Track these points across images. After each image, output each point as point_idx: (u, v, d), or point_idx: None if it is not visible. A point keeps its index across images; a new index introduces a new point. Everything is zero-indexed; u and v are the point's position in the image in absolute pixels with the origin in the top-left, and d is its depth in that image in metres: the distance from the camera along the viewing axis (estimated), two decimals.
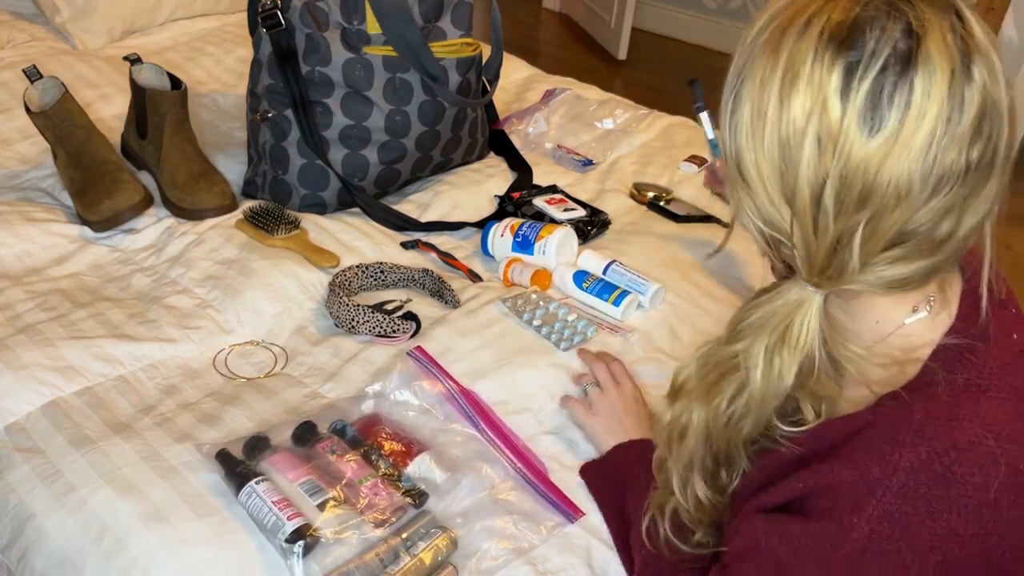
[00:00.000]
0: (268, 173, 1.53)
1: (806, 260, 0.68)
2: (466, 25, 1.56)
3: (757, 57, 0.66)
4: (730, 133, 0.68)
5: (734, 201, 0.71)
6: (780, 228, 0.68)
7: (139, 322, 1.24)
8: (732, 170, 0.69)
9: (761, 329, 0.71)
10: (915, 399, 0.66)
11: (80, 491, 0.97)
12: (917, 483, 0.63)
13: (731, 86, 0.69)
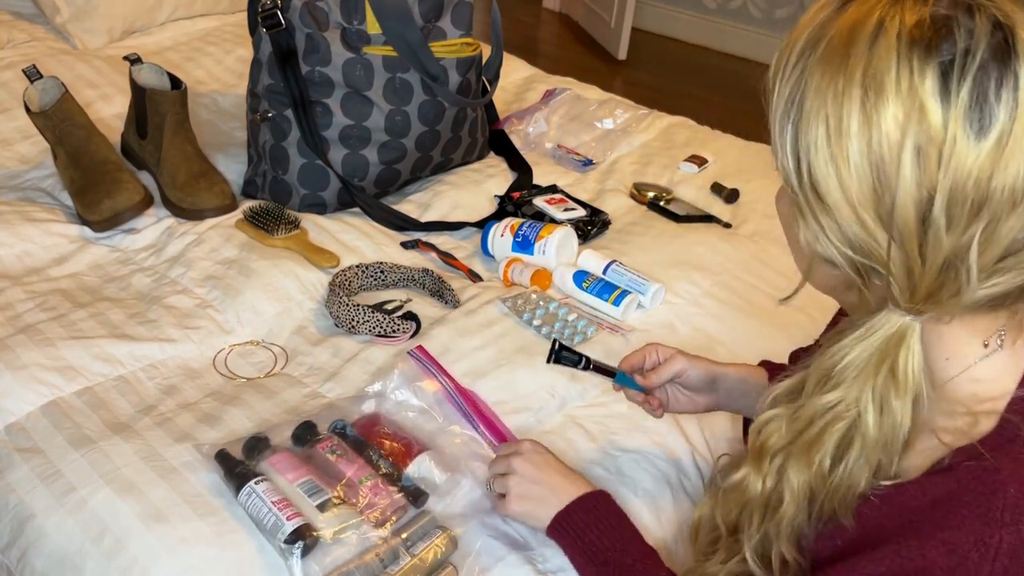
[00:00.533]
0: (268, 173, 1.53)
1: (907, 285, 0.63)
2: (466, 25, 1.56)
3: (818, 74, 0.61)
4: (797, 158, 0.63)
5: (807, 231, 0.65)
6: (873, 253, 0.62)
7: (139, 322, 1.23)
8: (805, 198, 0.64)
9: (863, 372, 0.66)
10: (1001, 463, 0.62)
11: (80, 491, 0.97)
12: (1020, 568, 0.59)
13: (785, 110, 0.64)
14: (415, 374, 1.15)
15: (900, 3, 0.59)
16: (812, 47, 0.63)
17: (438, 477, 1.01)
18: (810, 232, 0.65)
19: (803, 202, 0.64)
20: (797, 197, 0.65)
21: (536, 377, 1.19)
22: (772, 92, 0.66)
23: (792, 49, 0.64)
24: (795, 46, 0.64)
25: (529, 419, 1.14)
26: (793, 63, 0.64)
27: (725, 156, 1.84)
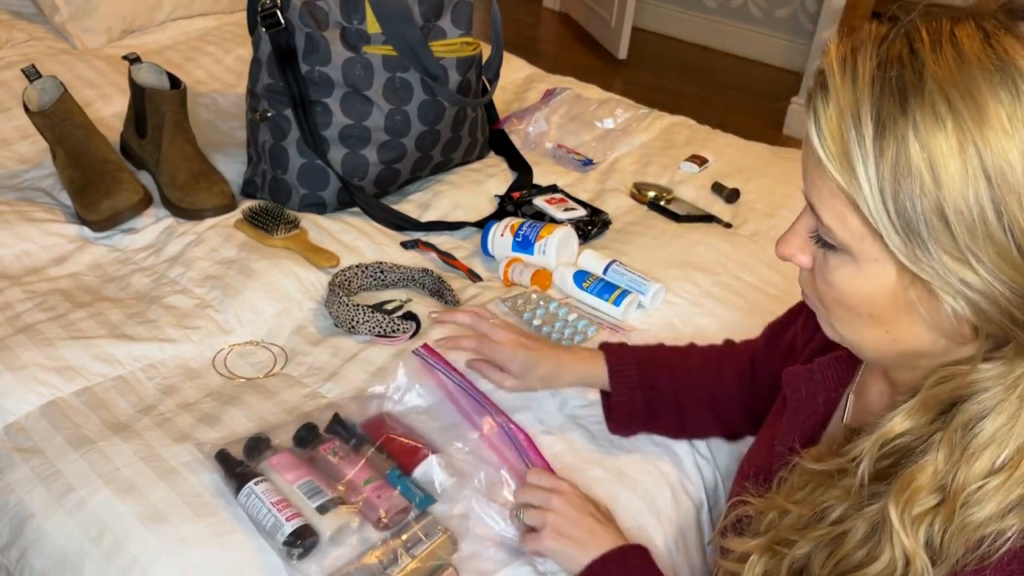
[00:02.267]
0: (268, 173, 1.52)
1: None
2: (466, 24, 1.56)
3: (918, 84, 0.53)
4: (900, 187, 0.55)
5: (931, 270, 0.56)
6: (1018, 284, 0.55)
7: (138, 322, 1.23)
8: (919, 233, 0.55)
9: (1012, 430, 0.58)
10: None
11: (79, 491, 0.97)
12: None
13: (872, 133, 0.55)
14: (419, 373, 1.14)
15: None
16: (890, 61, 0.55)
17: (445, 482, 1.01)
18: (932, 272, 0.56)
19: (914, 237, 0.56)
20: (916, 253, 0.56)
21: None
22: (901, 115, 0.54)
23: (860, 65, 0.56)
24: (860, 64, 0.56)
25: (530, 418, 1.13)
26: (866, 77, 0.56)
27: (725, 156, 1.84)
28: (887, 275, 0.59)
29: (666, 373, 1.08)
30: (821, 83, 0.59)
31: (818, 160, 0.58)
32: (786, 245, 0.67)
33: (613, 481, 1.06)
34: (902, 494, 0.61)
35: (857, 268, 0.61)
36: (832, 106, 0.57)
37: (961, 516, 0.58)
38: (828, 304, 0.66)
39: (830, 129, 0.57)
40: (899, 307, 0.61)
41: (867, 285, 0.61)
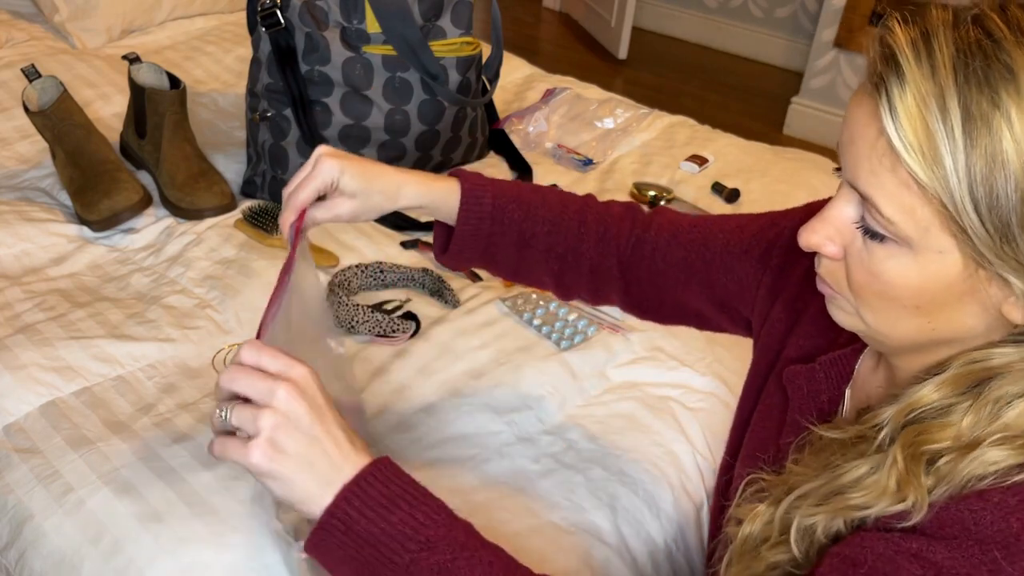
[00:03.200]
0: (267, 172, 1.52)
1: None
2: (466, 24, 1.56)
3: (1007, 75, 0.52)
4: (995, 180, 0.53)
5: (1015, 262, 0.56)
6: None
7: (138, 322, 1.23)
8: (1010, 225, 0.54)
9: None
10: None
11: (78, 491, 0.97)
12: None
13: (960, 124, 0.53)
14: None
15: None
16: (967, 31, 0.54)
17: None
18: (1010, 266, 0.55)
19: (1011, 250, 0.55)
20: (1004, 245, 0.55)
21: (536, 376, 1.19)
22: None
23: (938, 38, 0.54)
24: (937, 38, 0.54)
25: (529, 418, 1.13)
26: (948, 55, 0.54)
27: (726, 156, 1.84)
28: (951, 266, 0.58)
29: (520, 213, 0.94)
30: (894, 67, 0.55)
31: (888, 149, 0.56)
32: (813, 234, 0.64)
33: (613, 481, 1.06)
34: (913, 435, 0.61)
35: (914, 259, 0.59)
36: (910, 94, 0.54)
37: (970, 458, 0.58)
38: (865, 296, 0.64)
39: (909, 118, 0.54)
40: (953, 297, 0.59)
41: (923, 276, 0.59)
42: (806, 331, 0.83)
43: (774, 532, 0.69)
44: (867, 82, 0.58)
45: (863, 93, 0.58)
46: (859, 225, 0.62)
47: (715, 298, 0.92)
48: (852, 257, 0.63)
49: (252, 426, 0.65)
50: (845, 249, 0.64)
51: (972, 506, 0.58)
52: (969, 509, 0.58)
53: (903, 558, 0.58)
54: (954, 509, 0.58)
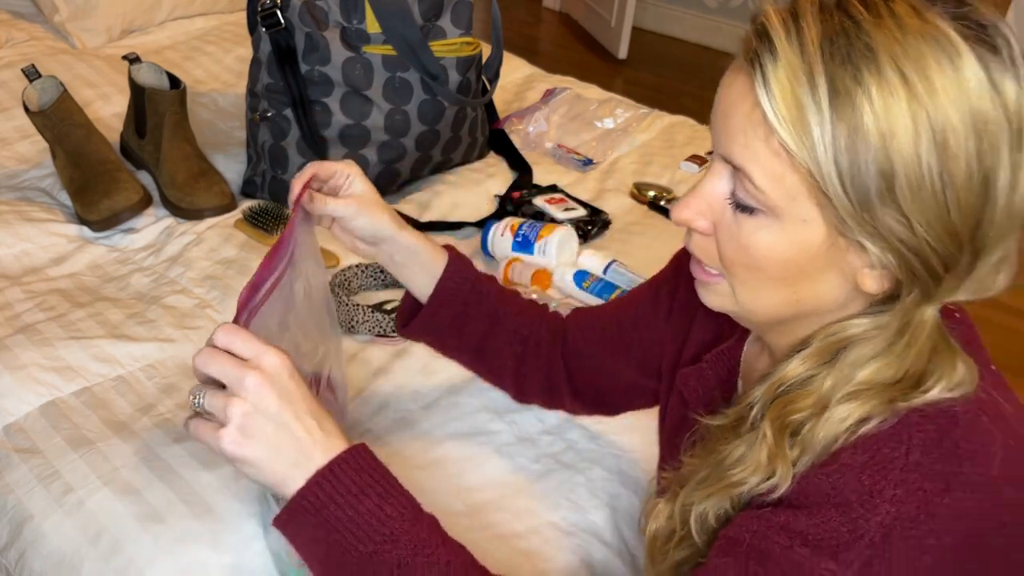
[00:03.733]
0: (267, 172, 1.52)
1: (962, 279, 0.61)
2: (466, 24, 1.56)
3: (868, 54, 0.56)
4: (856, 150, 0.57)
5: (872, 229, 0.58)
6: (949, 257, 0.59)
7: (138, 322, 1.23)
8: (868, 194, 0.57)
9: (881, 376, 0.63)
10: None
11: (78, 492, 0.97)
12: (934, 461, 0.59)
13: (827, 98, 0.56)
14: None
15: None
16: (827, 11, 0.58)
17: None
18: (883, 239, 0.59)
19: (869, 218, 0.58)
20: (863, 213, 0.58)
21: None
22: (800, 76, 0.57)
23: (803, 25, 0.58)
24: (804, 20, 0.58)
25: (529, 418, 1.13)
26: (816, 36, 0.57)
27: None
28: (814, 234, 0.61)
29: (496, 289, 0.98)
30: (767, 44, 0.58)
31: (762, 121, 0.59)
32: (686, 209, 0.66)
33: (613, 481, 1.06)
34: (780, 408, 0.65)
35: (781, 228, 0.62)
36: (782, 68, 0.57)
37: (823, 420, 0.62)
38: (735, 269, 0.66)
39: (782, 91, 0.57)
40: (815, 266, 0.63)
41: (789, 246, 0.62)
42: (696, 335, 0.86)
43: (676, 527, 0.72)
44: (742, 59, 0.61)
45: (737, 69, 0.61)
46: (730, 200, 0.64)
47: (643, 363, 0.94)
48: (722, 231, 0.65)
49: (222, 414, 0.66)
50: (715, 224, 0.66)
51: (827, 471, 0.61)
52: (825, 474, 0.61)
53: (773, 532, 0.61)
54: (813, 477, 0.61)
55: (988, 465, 0.59)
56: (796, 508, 0.61)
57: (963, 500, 0.58)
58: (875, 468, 0.59)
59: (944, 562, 0.58)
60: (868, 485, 0.58)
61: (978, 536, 0.59)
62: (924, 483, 0.58)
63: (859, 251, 0.61)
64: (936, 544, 0.57)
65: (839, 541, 0.58)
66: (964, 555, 0.59)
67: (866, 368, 0.63)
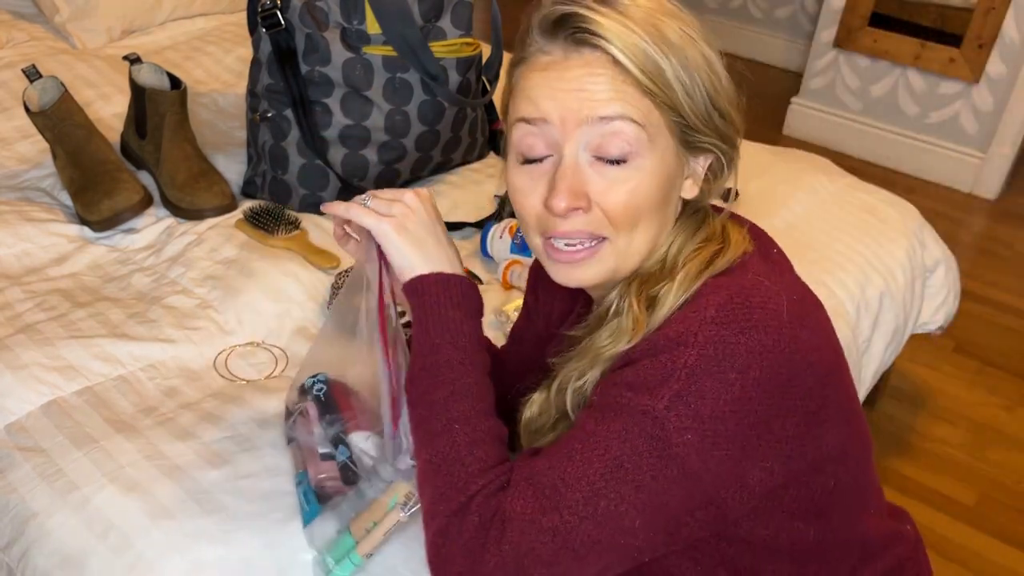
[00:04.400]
0: (268, 173, 1.53)
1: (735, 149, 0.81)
2: (466, 25, 1.56)
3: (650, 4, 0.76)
4: (691, 75, 0.75)
5: (711, 132, 0.77)
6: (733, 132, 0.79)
7: (139, 322, 1.23)
8: (707, 105, 0.76)
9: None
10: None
11: (83, 489, 0.97)
12: (727, 313, 0.70)
13: (656, 39, 0.74)
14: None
15: None
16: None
17: (375, 457, 0.93)
18: (714, 138, 0.77)
19: (705, 123, 0.76)
20: (698, 123, 0.76)
21: None
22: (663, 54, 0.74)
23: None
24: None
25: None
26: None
27: None
28: (670, 157, 0.76)
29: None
30: (589, 21, 0.73)
31: (618, 74, 0.73)
32: (572, 195, 0.75)
33: None
34: (638, 285, 0.78)
35: (650, 164, 0.75)
36: (614, 31, 0.72)
37: (683, 276, 0.76)
38: (621, 222, 0.76)
39: (628, 47, 0.72)
40: (673, 186, 0.78)
41: (658, 176, 0.76)
42: (556, 310, 0.98)
43: (551, 412, 0.83)
44: (573, 41, 0.74)
45: (576, 51, 0.74)
46: (595, 161, 0.75)
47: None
48: (603, 193, 0.76)
49: (387, 209, 0.83)
50: (589, 196, 0.76)
51: (650, 335, 0.74)
52: (648, 338, 0.74)
53: (609, 387, 0.74)
54: (641, 342, 0.74)
55: (778, 312, 0.72)
56: (626, 366, 0.74)
57: (759, 338, 0.70)
58: (681, 324, 0.72)
59: (755, 393, 0.70)
60: (674, 337, 0.71)
61: (784, 371, 0.71)
62: (721, 331, 0.70)
63: (697, 156, 0.79)
64: (738, 378, 0.69)
65: (653, 381, 0.70)
66: (773, 388, 0.71)
67: (694, 241, 0.80)
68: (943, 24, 2.99)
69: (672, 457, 0.70)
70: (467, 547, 0.72)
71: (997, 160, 2.97)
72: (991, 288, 2.50)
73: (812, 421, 0.74)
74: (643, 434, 0.70)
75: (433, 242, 0.83)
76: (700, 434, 0.69)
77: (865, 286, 1.54)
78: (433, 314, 0.81)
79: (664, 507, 0.71)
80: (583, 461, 0.71)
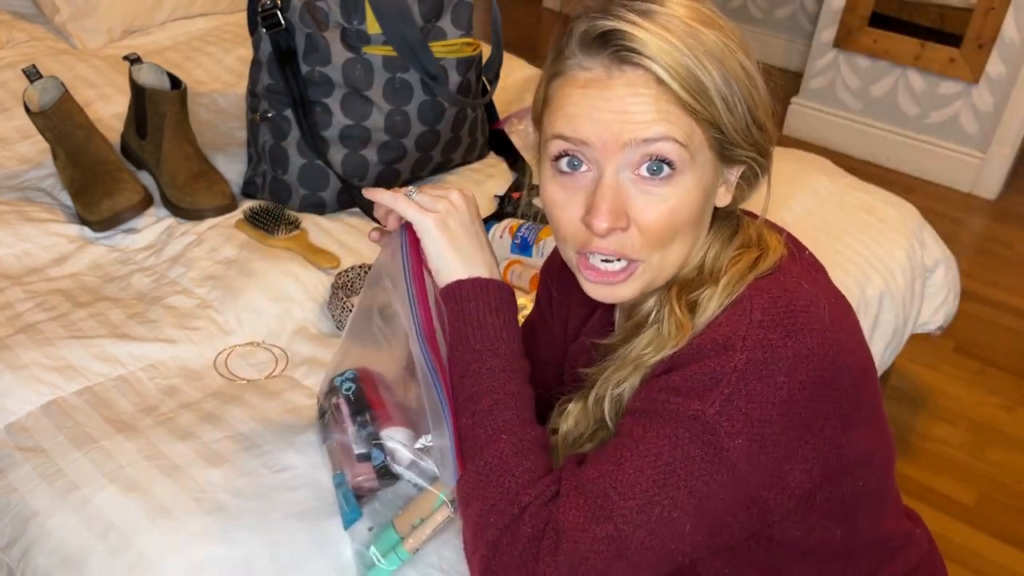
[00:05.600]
0: (268, 173, 1.53)
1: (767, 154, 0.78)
2: (466, 25, 1.56)
3: (691, 21, 0.72)
4: (733, 89, 0.73)
5: (749, 146, 0.75)
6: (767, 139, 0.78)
7: (139, 322, 1.23)
8: (747, 120, 0.75)
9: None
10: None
11: (83, 489, 0.97)
12: (772, 316, 0.71)
13: (699, 55, 0.72)
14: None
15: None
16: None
17: (408, 454, 0.93)
18: (753, 151, 0.76)
19: (744, 137, 0.75)
20: (737, 137, 0.74)
21: None
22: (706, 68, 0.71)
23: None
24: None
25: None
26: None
27: None
28: (709, 171, 0.75)
29: None
30: (631, 38, 0.71)
31: (664, 93, 0.71)
32: (605, 218, 0.73)
33: None
34: (679, 290, 0.78)
35: (691, 180, 0.73)
36: (656, 47, 0.70)
37: (719, 288, 0.75)
38: (656, 241, 0.75)
39: (671, 65, 0.70)
40: (709, 201, 0.77)
41: (698, 191, 0.74)
42: (574, 315, 0.97)
43: (589, 422, 0.83)
44: (613, 60, 0.73)
45: (619, 71, 0.72)
46: (636, 177, 0.73)
47: (558, 366, 1.00)
48: (642, 211, 0.74)
49: (431, 204, 0.82)
50: (628, 216, 0.74)
51: (695, 339, 0.73)
52: (691, 344, 0.73)
53: (655, 393, 0.73)
54: (686, 346, 0.74)
55: (820, 314, 0.72)
56: (672, 371, 0.73)
57: (805, 341, 0.70)
58: (727, 328, 0.72)
59: (800, 396, 0.70)
60: (721, 341, 0.71)
61: (828, 373, 0.71)
62: (768, 334, 0.70)
63: (732, 167, 0.77)
64: (786, 381, 0.69)
65: (702, 386, 0.70)
66: (818, 390, 0.71)
67: (731, 247, 0.79)
68: (943, 24, 2.99)
69: (723, 461, 0.70)
70: (521, 559, 0.72)
71: (997, 160, 2.97)
72: (991, 288, 2.50)
73: (847, 423, 0.75)
74: (694, 439, 0.70)
75: (472, 244, 0.82)
76: (749, 437, 0.70)
77: (865, 286, 1.54)
78: (473, 321, 0.81)
79: (713, 511, 0.72)
80: (634, 469, 0.71)
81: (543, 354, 1.01)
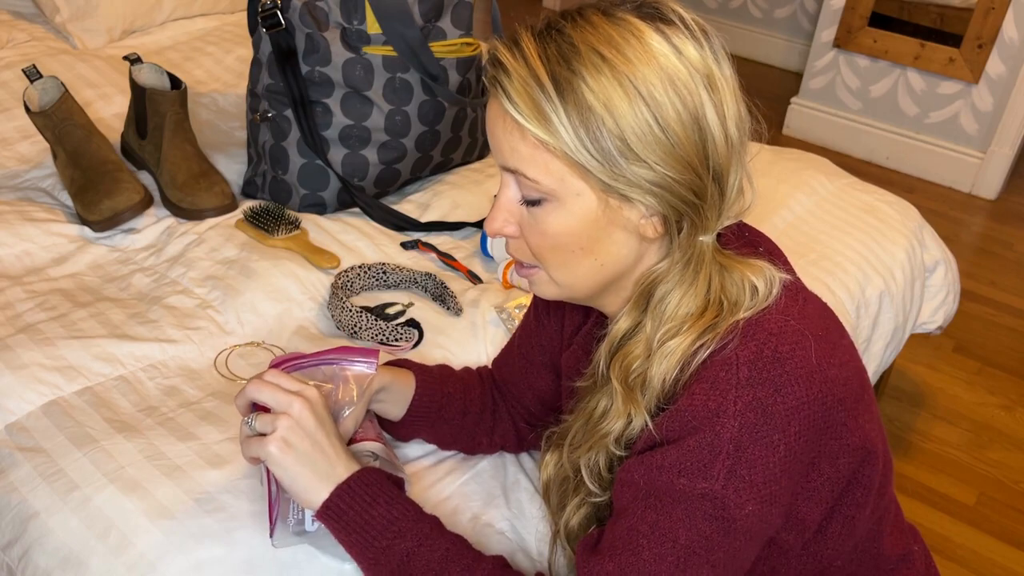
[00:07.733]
0: (268, 173, 1.53)
1: (718, 206, 0.76)
2: (466, 25, 1.56)
3: (573, 49, 0.70)
4: (590, 124, 0.70)
5: (624, 180, 0.71)
6: (695, 186, 0.73)
7: (139, 322, 1.23)
8: (612, 154, 0.70)
9: (688, 299, 0.76)
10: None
11: (83, 489, 0.97)
12: (759, 372, 0.70)
13: (554, 90, 0.69)
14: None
15: None
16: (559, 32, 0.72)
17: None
18: (637, 186, 0.72)
19: (609, 162, 0.71)
20: (614, 171, 0.71)
21: None
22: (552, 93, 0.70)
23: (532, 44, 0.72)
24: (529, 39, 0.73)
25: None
26: (547, 51, 0.71)
27: None
28: (589, 202, 0.73)
29: (456, 392, 1.05)
30: (499, 66, 0.72)
31: (515, 126, 0.72)
32: (493, 221, 0.78)
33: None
34: (620, 361, 0.78)
35: (564, 207, 0.74)
36: (515, 79, 0.71)
37: (656, 360, 0.75)
38: (545, 256, 0.77)
39: (520, 96, 0.70)
40: (601, 229, 0.75)
41: (575, 219, 0.74)
42: (569, 322, 0.98)
43: (569, 475, 0.86)
44: (488, 87, 0.74)
45: (491, 97, 0.74)
46: (522, 201, 0.76)
47: (552, 366, 1.02)
48: (526, 228, 0.78)
49: (270, 427, 0.82)
50: (519, 226, 0.78)
51: (681, 406, 0.72)
52: (680, 409, 0.72)
53: (655, 472, 0.73)
54: (673, 414, 0.73)
55: (807, 358, 0.71)
56: (666, 445, 0.73)
57: (795, 392, 0.70)
58: (715, 392, 0.70)
59: (798, 446, 0.71)
60: (713, 408, 0.70)
61: (820, 416, 0.71)
62: (757, 393, 0.69)
63: (629, 205, 0.73)
64: (782, 438, 0.70)
65: (703, 463, 0.70)
66: (814, 435, 0.71)
67: (671, 302, 0.76)
68: (943, 24, 2.99)
69: (738, 530, 0.71)
70: None
71: (997, 160, 2.97)
72: (991, 288, 2.50)
73: (846, 450, 0.76)
74: (707, 517, 0.71)
75: (319, 453, 0.82)
76: (759, 501, 0.71)
77: (865, 286, 1.54)
78: (362, 525, 0.81)
79: (736, 569, 0.75)
80: (653, 556, 0.72)
81: (538, 358, 1.02)
